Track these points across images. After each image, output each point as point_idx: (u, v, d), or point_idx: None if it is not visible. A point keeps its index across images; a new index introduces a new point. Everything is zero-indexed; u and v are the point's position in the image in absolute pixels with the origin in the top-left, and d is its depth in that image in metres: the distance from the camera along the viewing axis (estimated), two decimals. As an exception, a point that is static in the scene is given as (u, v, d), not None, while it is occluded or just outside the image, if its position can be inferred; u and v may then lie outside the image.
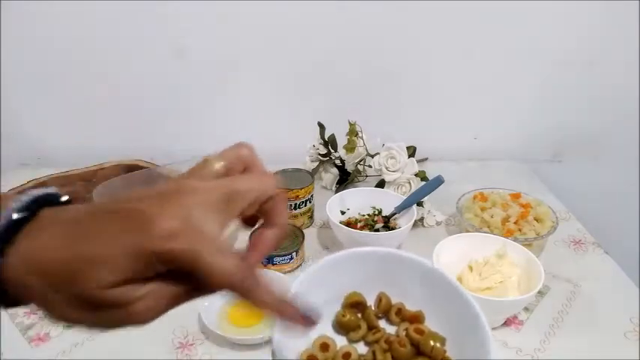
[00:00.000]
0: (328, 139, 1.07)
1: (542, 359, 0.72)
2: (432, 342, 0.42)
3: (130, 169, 1.05)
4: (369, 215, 0.94)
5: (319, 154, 1.09)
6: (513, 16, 1.11)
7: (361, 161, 1.08)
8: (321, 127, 1.06)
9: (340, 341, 0.45)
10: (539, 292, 0.74)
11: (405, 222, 0.89)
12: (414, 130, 1.14)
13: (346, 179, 1.10)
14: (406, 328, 0.45)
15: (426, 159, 1.16)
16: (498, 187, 1.01)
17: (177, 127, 1.21)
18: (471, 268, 0.78)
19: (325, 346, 0.43)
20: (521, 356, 0.72)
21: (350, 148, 1.03)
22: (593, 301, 0.82)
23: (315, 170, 1.09)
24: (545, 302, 0.82)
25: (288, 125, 1.20)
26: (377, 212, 0.94)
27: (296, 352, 0.42)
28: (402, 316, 0.46)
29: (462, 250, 0.80)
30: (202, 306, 0.74)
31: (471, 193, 0.99)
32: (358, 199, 0.95)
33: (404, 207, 0.91)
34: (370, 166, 1.05)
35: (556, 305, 0.81)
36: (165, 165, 1.03)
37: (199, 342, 0.73)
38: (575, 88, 1.20)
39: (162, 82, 1.16)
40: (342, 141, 1.04)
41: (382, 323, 0.47)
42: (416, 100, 1.21)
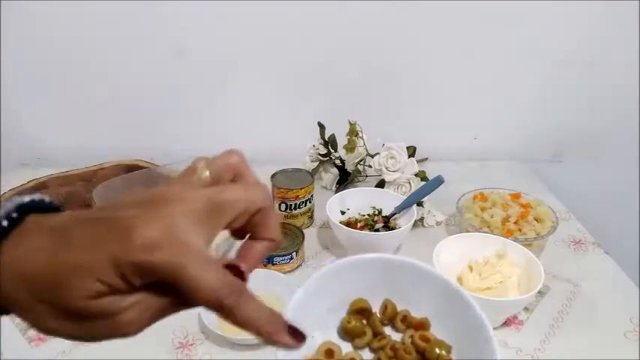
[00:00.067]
0: (328, 139, 1.07)
1: (542, 359, 0.72)
2: (438, 350, 0.42)
3: (130, 169, 1.05)
4: (369, 215, 0.94)
5: (319, 154, 1.09)
6: (513, 16, 1.11)
7: (361, 161, 1.08)
8: (321, 127, 1.06)
9: (345, 348, 0.44)
10: (539, 292, 0.74)
11: (405, 222, 0.89)
12: (414, 130, 1.14)
13: (346, 179, 1.10)
14: (412, 336, 0.44)
15: (426, 159, 1.16)
16: (498, 187, 1.01)
17: (177, 127, 1.21)
18: (471, 268, 0.78)
19: (330, 352, 0.43)
20: (521, 356, 0.72)
21: (350, 148, 1.03)
22: (593, 301, 0.82)
23: (315, 170, 1.09)
24: (545, 302, 0.82)
25: (288, 125, 1.20)
26: (377, 212, 0.94)
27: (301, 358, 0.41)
28: (408, 323, 0.46)
29: (462, 250, 0.80)
30: (202, 306, 0.74)
31: (471, 193, 0.99)
32: (358, 199, 0.95)
33: (404, 207, 0.91)
34: (370, 166, 1.05)
35: (556, 305, 0.81)
36: (165, 165, 1.02)
37: (199, 342, 0.73)
38: (575, 88, 1.20)
39: (162, 82, 1.16)
40: (342, 141, 1.04)
41: (387, 330, 0.46)
42: (416, 100, 1.21)
